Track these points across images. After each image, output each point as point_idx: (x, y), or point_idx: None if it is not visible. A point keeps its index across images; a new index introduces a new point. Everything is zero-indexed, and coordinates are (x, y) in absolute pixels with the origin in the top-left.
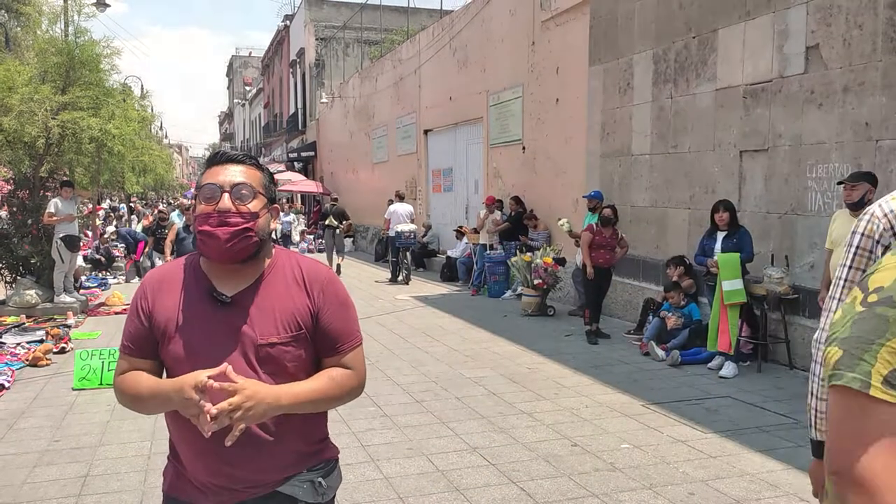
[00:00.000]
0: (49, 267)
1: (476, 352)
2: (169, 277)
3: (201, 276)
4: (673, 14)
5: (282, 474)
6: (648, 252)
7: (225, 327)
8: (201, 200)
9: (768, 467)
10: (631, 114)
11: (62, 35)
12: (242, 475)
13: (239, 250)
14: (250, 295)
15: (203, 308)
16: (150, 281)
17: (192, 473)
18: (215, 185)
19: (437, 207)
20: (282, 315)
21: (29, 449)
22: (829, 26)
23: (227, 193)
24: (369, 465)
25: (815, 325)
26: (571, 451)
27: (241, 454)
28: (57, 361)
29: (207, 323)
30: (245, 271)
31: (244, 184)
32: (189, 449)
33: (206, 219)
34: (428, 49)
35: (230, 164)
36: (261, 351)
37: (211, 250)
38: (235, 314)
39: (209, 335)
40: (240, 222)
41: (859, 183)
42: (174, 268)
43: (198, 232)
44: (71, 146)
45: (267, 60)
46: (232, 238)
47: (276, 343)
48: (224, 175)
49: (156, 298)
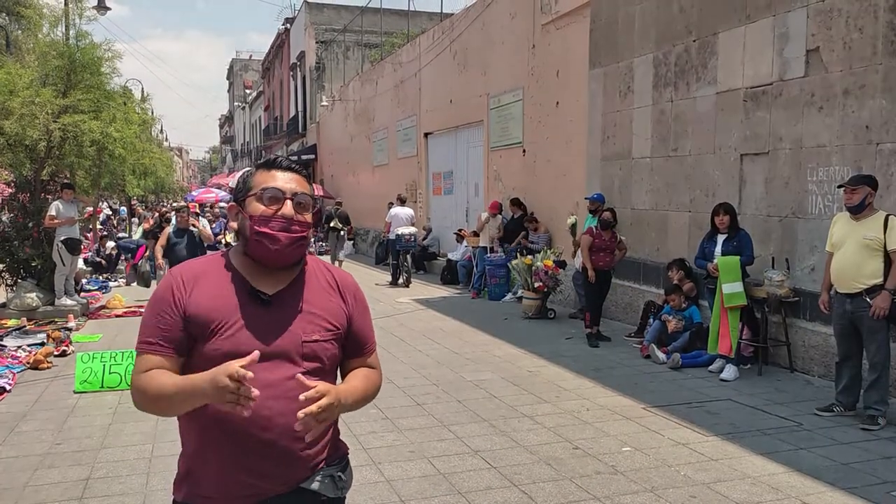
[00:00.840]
0: (50, 270)
1: (477, 355)
2: (204, 273)
3: (237, 275)
4: (673, 17)
5: (306, 473)
6: (649, 255)
7: (270, 324)
8: (264, 202)
9: (770, 470)
10: (631, 117)
11: (63, 38)
12: (271, 480)
13: (292, 256)
14: (289, 295)
15: (246, 306)
16: (184, 275)
17: (220, 476)
18: (280, 190)
19: (438, 210)
20: (322, 314)
21: (30, 452)
22: (830, 29)
23: (289, 200)
24: (371, 467)
25: (816, 328)
26: (573, 455)
27: (283, 451)
28: (58, 364)
29: (253, 320)
30: (281, 274)
31: (304, 193)
32: (228, 451)
33: (269, 221)
34: (428, 52)
35: (288, 172)
36: (305, 347)
37: (268, 253)
38: (278, 312)
39: (256, 332)
40: (299, 230)
41: (860, 186)
42: (207, 264)
43: (257, 233)
44: (72, 149)
45: (267, 63)
46: (291, 244)
47: (318, 340)
48: (285, 182)
49: (194, 292)
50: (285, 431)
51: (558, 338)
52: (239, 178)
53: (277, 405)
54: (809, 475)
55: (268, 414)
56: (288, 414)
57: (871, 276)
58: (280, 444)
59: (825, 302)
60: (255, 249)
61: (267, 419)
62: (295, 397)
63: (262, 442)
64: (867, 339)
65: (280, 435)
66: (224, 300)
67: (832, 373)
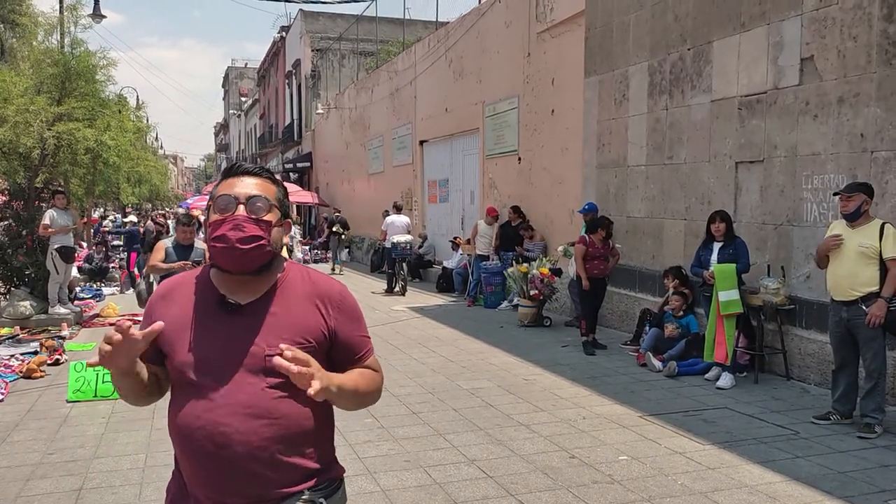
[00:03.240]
0: (43, 278)
1: (473, 363)
2: (178, 287)
3: (211, 288)
4: (668, 26)
5: (275, 496)
6: (644, 263)
7: (234, 336)
8: (215, 211)
9: (766, 479)
10: (627, 125)
11: (58, 46)
12: (238, 499)
13: (252, 258)
14: (261, 305)
15: (212, 317)
16: (164, 288)
17: (192, 488)
18: (230, 196)
19: (433, 218)
20: (291, 327)
21: (22, 462)
22: (824, 38)
23: (242, 205)
24: (366, 477)
25: (812, 336)
26: (569, 463)
27: (245, 471)
28: (51, 373)
29: (216, 331)
30: (256, 284)
31: (259, 196)
32: (190, 465)
33: (220, 225)
34: (424, 60)
35: (246, 177)
36: (268, 361)
37: (224, 257)
38: (245, 323)
39: (218, 343)
40: (254, 230)
41: (855, 194)
42: (185, 277)
43: (211, 239)
44: (66, 157)
45: (263, 71)
46: (243, 243)
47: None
48: (240, 187)
49: (162, 307)
50: (246, 450)
51: (554, 346)
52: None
53: (236, 421)
54: (807, 484)
55: (226, 430)
56: (247, 432)
57: (866, 283)
58: (240, 463)
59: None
60: (214, 256)
61: (225, 436)
62: (255, 414)
63: (222, 459)
64: (863, 347)
65: (240, 454)
66: (190, 311)
67: (829, 381)
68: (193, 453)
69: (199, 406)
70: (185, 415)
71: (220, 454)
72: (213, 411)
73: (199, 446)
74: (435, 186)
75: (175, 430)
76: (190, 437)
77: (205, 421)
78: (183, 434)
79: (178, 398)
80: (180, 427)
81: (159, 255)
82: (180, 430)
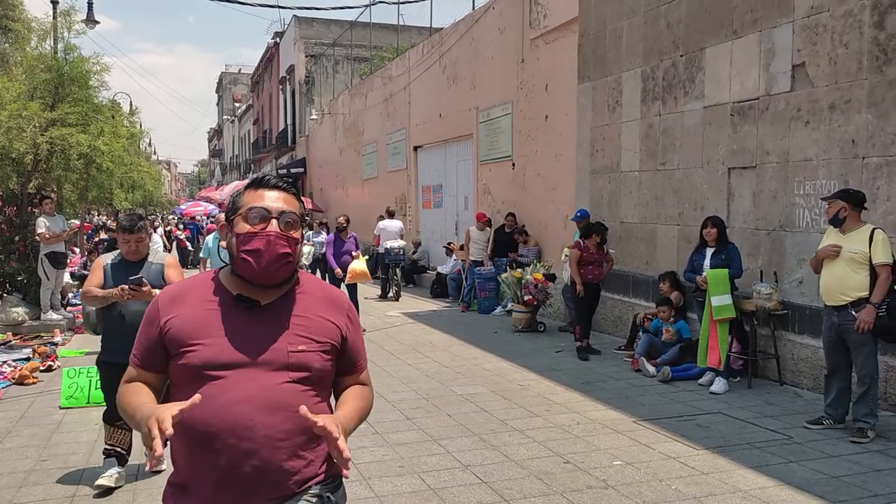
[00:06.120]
0: (36, 284)
1: (467, 368)
2: (189, 290)
3: (224, 290)
4: (661, 33)
5: (292, 488)
6: (638, 268)
7: (253, 335)
8: (249, 221)
9: (760, 484)
10: (620, 131)
11: (51, 52)
12: (257, 495)
13: (278, 273)
14: (281, 305)
15: (231, 314)
16: (169, 295)
17: (197, 489)
18: (266, 209)
19: (427, 224)
20: (312, 325)
21: (15, 469)
22: (815, 45)
23: (275, 220)
24: (361, 483)
25: (805, 341)
26: (564, 469)
27: (265, 462)
28: (44, 379)
29: (236, 327)
30: (270, 292)
31: (290, 212)
32: (204, 461)
33: (252, 238)
34: (418, 66)
35: (275, 191)
36: (291, 357)
37: (253, 270)
38: (266, 321)
39: (238, 338)
40: (284, 246)
41: (833, 201)
42: (193, 282)
43: (241, 251)
44: (59, 163)
45: (257, 77)
46: (276, 261)
47: (305, 351)
48: (270, 201)
49: (173, 308)
50: (267, 441)
51: (548, 351)
52: (230, 197)
53: (259, 416)
54: (800, 488)
55: (249, 424)
56: (270, 425)
57: (856, 289)
58: (262, 454)
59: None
60: (241, 267)
61: (249, 429)
62: (277, 408)
63: (243, 452)
64: (854, 353)
65: (262, 445)
66: (206, 310)
67: (821, 385)
68: (209, 447)
69: (219, 400)
70: (203, 409)
71: (240, 446)
72: (237, 405)
73: (219, 440)
74: (429, 192)
75: (189, 425)
76: (208, 431)
77: (228, 414)
78: (199, 429)
79: (191, 394)
80: (196, 422)
81: (96, 278)
82: (196, 425)
